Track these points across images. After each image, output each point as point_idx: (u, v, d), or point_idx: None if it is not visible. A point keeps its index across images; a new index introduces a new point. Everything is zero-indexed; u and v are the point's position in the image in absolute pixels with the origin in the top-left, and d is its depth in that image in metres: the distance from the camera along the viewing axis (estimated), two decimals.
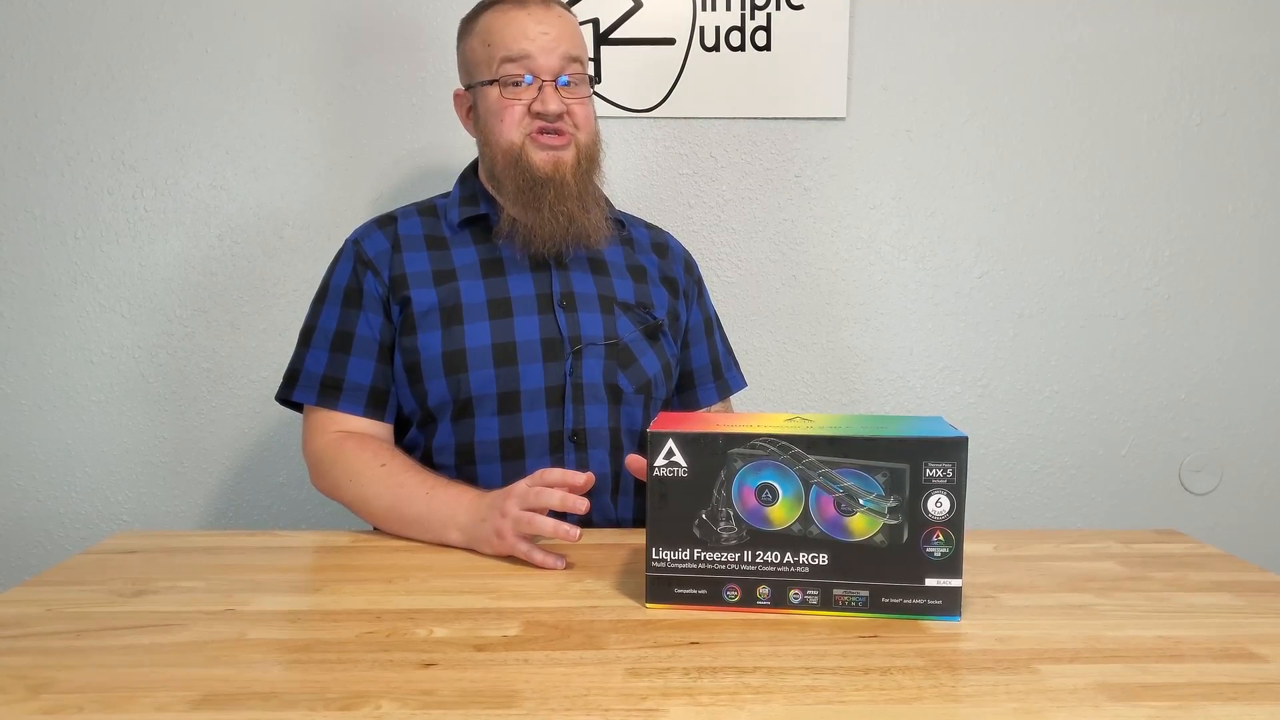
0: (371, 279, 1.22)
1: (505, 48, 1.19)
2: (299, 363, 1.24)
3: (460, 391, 1.19)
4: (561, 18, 1.23)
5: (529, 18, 1.20)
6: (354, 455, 1.17)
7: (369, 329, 1.22)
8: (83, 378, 1.69)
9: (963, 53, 1.71)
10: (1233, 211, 1.75)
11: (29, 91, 1.64)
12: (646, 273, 1.32)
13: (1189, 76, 1.72)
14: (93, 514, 1.72)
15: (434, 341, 1.20)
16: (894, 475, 0.82)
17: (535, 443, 1.20)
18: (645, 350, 1.27)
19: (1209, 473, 1.80)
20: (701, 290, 1.41)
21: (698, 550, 0.85)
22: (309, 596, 0.91)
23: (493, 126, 1.22)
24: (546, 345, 1.21)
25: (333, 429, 1.21)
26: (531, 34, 1.19)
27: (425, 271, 1.23)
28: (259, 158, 1.68)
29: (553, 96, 1.19)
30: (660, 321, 1.29)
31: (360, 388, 1.21)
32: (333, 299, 1.24)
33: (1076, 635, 0.81)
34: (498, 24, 1.21)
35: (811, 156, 1.72)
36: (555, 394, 1.21)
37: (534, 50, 1.19)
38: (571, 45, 1.21)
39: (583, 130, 1.23)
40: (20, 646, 0.78)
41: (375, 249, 1.24)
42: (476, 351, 1.19)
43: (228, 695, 0.69)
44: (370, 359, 1.22)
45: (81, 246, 1.67)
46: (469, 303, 1.21)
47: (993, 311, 1.76)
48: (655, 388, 1.27)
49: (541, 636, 0.80)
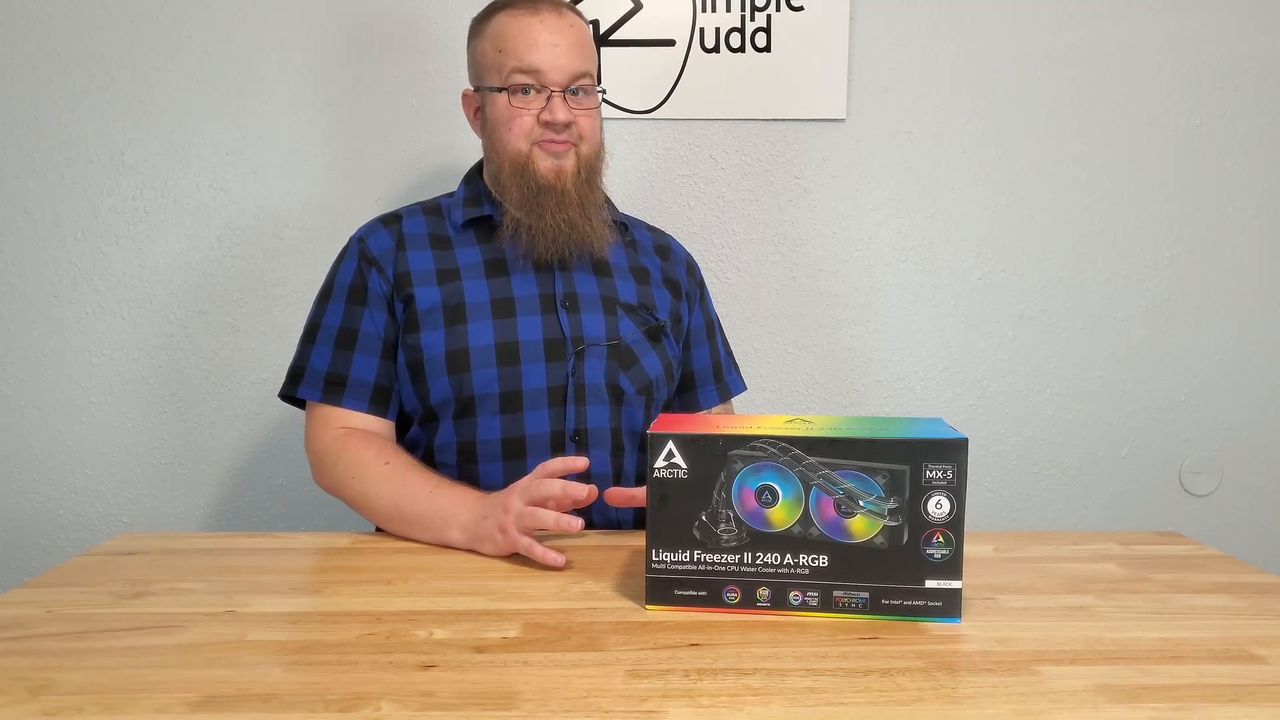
0: (376, 276, 1.23)
1: (516, 57, 1.19)
2: (303, 359, 1.24)
3: (463, 390, 1.19)
4: (574, 27, 1.22)
5: (542, 26, 1.20)
6: (358, 453, 1.17)
7: (373, 326, 1.22)
8: (83, 379, 1.69)
9: (963, 54, 1.71)
10: (1232, 212, 1.75)
11: (29, 92, 1.64)
12: (649, 274, 1.33)
13: (1189, 77, 1.72)
14: (93, 515, 1.72)
15: (437, 340, 1.20)
16: (894, 477, 0.82)
17: (537, 442, 1.20)
18: (647, 351, 1.27)
19: (1209, 474, 1.80)
20: (703, 293, 1.41)
21: (698, 552, 0.85)
22: (309, 598, 0.91)
23: (500, 134, 1.22)
24: (549, 345, 1.21)
25: (336, 425, 1.21)
26: (543, 44, 1.19)
27: (429, 270, 1.23)
28: (259, 159, 1.68)
29: (560, 107, 1.19)
30: (662, 323, 1.30)
31: (364, 384, 1.21)
32: (337, 296, 1.24)
33: (1077, 637, 0.81)
34: (510, 30, 1.21)
35: (812, 158, 1.72)
36: (557, 394, 1.21)
37: (544, 62, 1.19)
38: (582, 57, 1.21)
39: (587, 142, 1.23)
40: (20, 648, 0.78)
41: (380, 246, 1.24)
42: (479, 350, 1.20)
43: (228, 697, 0.69)
44: (374, 356, 1.22)
45: (81, 248, 1.67)
46: (472, 302, 1.22)
47: (993, 313, 1.76)
48: (657, 389, 1.27)
49: (541, 638, 0.80)
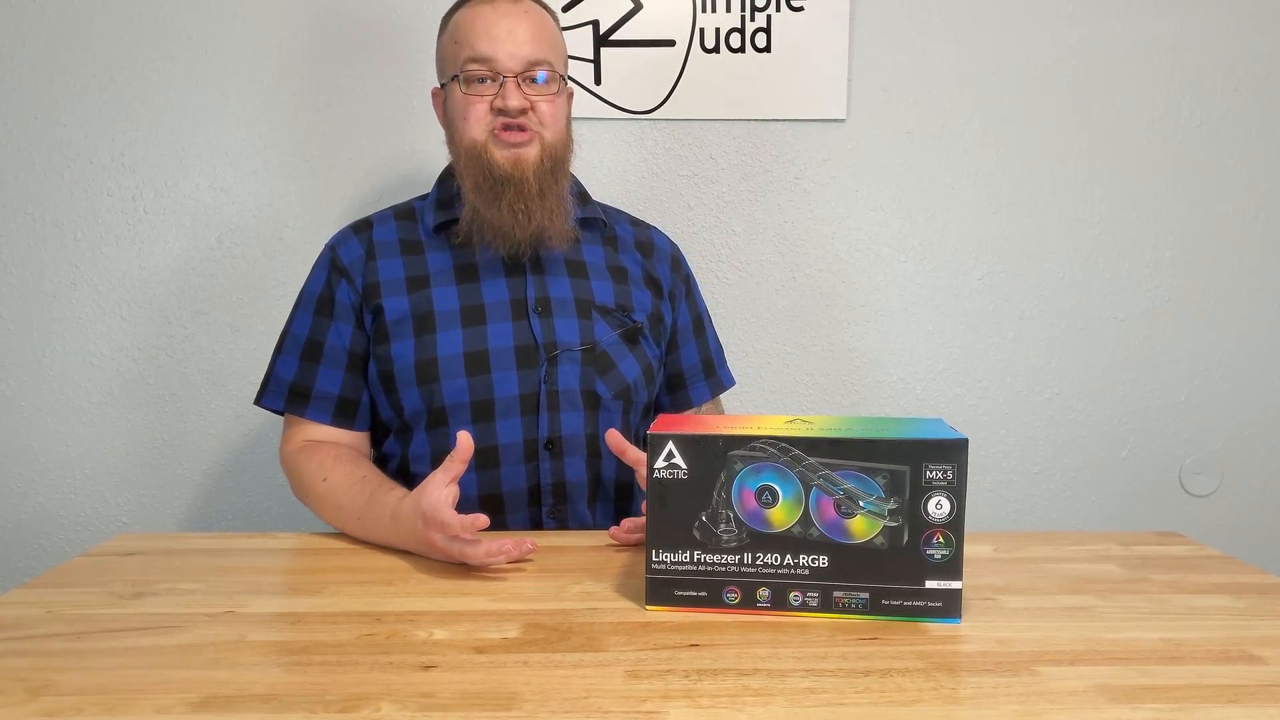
0: (345, 287, 1.22)
1: (470, 46, 1.18)
2: (272, 368, 1.25)
3: (433, 401, 1.18)
4: (529, 14, 1.20)
5: (494, 14, 1.18)
6: (304, 466, 1.18)
7: (339, 339, 1.22)
8: (82, 380, 1.69)
9: (963, 54, 1.71)
10: (1233, 213, 1.75)
11: (29, 92, 1.64)
12: (628, 273, 1.30)
13: (1189, 78, 1.72)
14: (92, 516, 1.72)
15: (407, 351, 1.19)
16: (894, 477, 0.82)
17: (510, 451, 1.19)
18: (624, 355, 1.25)
19: (1209, 475, 1.80)
20: (690, 287, 1.38)
21: (698, 552, 0.85)
22: (309, 598, 0.91)
23: (456, 124, 1.21)
24: (520, 352, 1.20)
25: (301, 438, 1.22)
26: (496, 32, 1.17)
27: (399, 279, 1.22)
28: (259, 159, 1.68)
29: (514, 93, 1.17)
30: (639, 324, 1.27)
31: (328, 397, 1.21)
32: (305, 306, 1.24)
33: (1077, 637, 0.81)
34: (465, 21, 1.20)
35: (812, 158, 1.72)
36: (530, 402, 1.19)
37: (497, 51, 1.17)
38: (539, 45, 1.19)
39: (549, 129, 1.20)
40: (20, 649, 0.78)
41: (350, 256, 1.24)
42: (449, 360, 1.18)
43: (227, 697, 0.69)
44: (339, 369, 1.22)
45: (81, 248, 1.67)
46: (441, 310, 1.20)
47: (993, 313, 1.76)
48: (635, 393, 1.25)
49: (541, 638, 0.80)
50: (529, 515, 1.20)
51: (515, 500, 1.19)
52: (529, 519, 1.20)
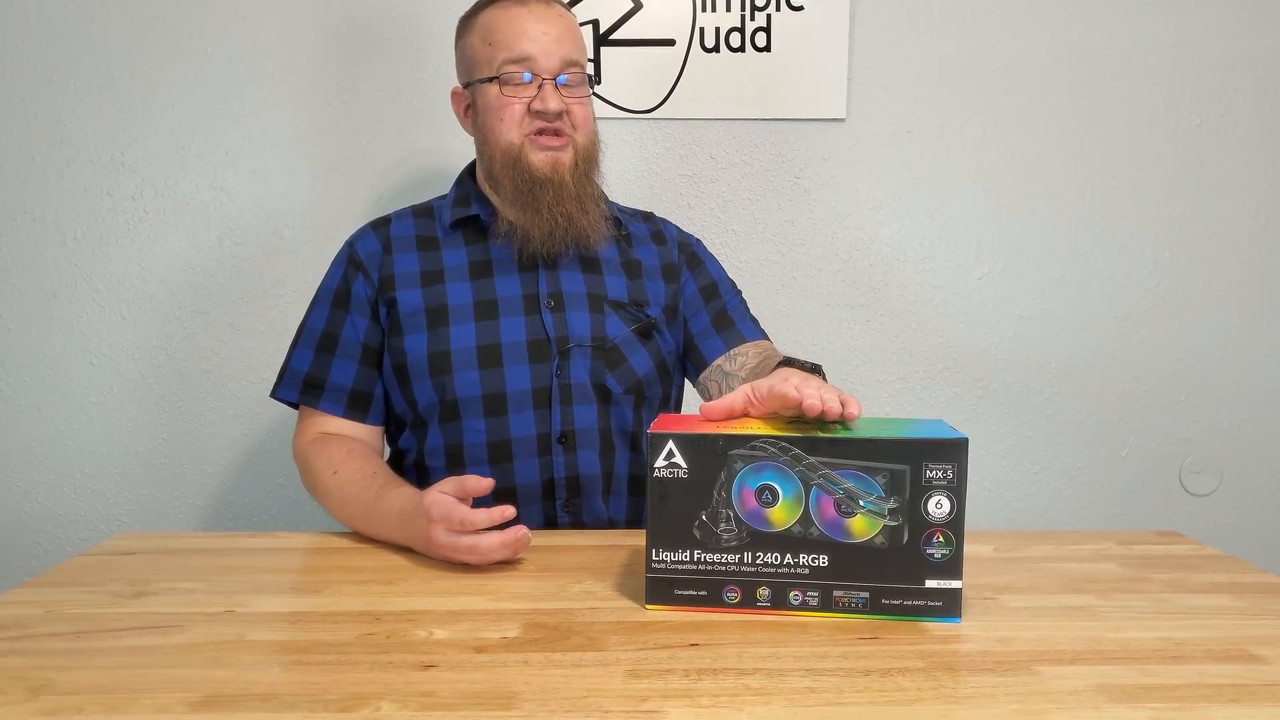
0: (361, 281, 1.23)
1: (507, 47, 1.19)
2: (288, 361, 1.26)
3: (446, 393, 1.19)
4: (562, 17, 1.23)
5: (530, 16, 1.20)
6: (315, 459, 1.18)
7: (353, 331, 1.23)
8: (82, 379, 1.69)
9: (963, 53, 1.71)
10: (1233, 212, 1.75)
11: (29, 91, 1.64)
12: (642, 267, 1.30)
13: (1189, 77, 1.72)
14: (92, 515, 1.72)
15: (420, 343, 1.20)
16: (894, 477, 0.82)
17: (523, 445, 1.19)
18: (636, 349, 1.25)
19: (1209, 474, 1.80)
20: (697, 260, 1.35)
21: (698, 551, 0.85)
22: (309, 598, 0.91)
23: (491, 125, 1.22)
24: (532, 346, 1.21)
25: (315, 430, 1.23)
26: (533, 33, 1.19)
27: (414, 273, 1.23)
28: (259, 159, 1.68)
29: (553, 95, 1.19)
30: (654, 320, 1.28)
31: (342, 389, 1.22)
32: (323, 300, 1.26)
33: (1077, 637, 0.81)
34: (499, 22, 1.21)
35: (812, 158, 1.72)
36: (542, 395, 1.20)
37: (535, 50, 1.19)
38: (572, 46, 1.22)
39: (581, 131, 1.23)
40: (20, 648, 0.78)
41: (366, 251, 1.25)
42: (461, 353, 1.19)
43: (228, 697, 0.69)
44: (353, 361, 1.22)
45: (81, 248, 1.67)
46: (455, 304, 1.21)
47: (993, 312, 1.76)
48: (648, 387, 1.26)
49: (541, 638, 0.80)
50: (543, 509, 1.20)
51: (529, 494, 1.19)
52: (543, 513, 1.20)
